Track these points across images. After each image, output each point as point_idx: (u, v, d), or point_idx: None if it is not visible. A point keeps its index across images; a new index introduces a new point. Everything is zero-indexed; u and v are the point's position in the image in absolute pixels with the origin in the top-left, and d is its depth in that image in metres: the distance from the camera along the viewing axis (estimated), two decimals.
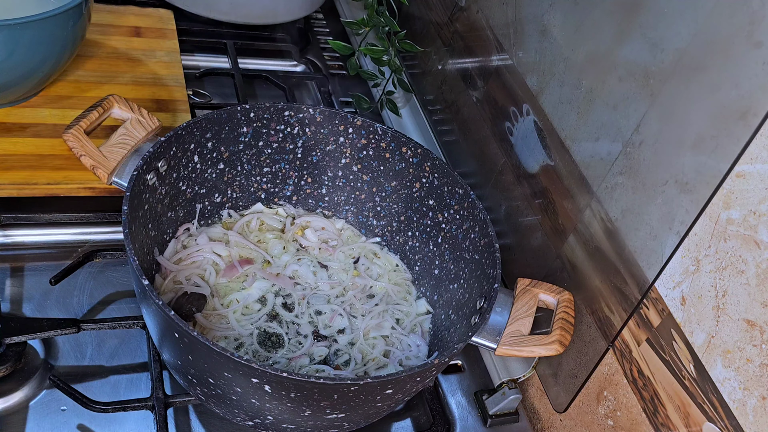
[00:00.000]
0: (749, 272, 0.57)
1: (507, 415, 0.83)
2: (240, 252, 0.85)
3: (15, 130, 0.86)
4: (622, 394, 0.71)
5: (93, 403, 0.70)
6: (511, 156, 0.90)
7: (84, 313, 0.80)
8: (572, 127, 0.78)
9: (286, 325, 0.80)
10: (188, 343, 0.61)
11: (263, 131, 0.85)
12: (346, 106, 1.17)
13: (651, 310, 0.67)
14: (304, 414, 0.64)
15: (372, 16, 1.12)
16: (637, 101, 0.68)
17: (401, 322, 0.84)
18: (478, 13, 0.98)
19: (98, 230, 0.87)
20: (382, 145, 0.87)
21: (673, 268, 0.64)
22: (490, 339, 0.70)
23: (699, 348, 0.62)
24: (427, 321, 0.85)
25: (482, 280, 0.76)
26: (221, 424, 0.74)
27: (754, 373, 0.57)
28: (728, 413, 0.59)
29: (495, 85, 0.93)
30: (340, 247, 0.89)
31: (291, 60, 1.24)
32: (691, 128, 0.62)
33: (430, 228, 0.86)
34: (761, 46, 0.55)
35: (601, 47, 0.73)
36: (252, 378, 0.59)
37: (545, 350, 0.70)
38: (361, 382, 0.60)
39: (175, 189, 0.79)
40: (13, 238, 0.84)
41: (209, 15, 1.16)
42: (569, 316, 0.73)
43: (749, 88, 0.56)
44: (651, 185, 0.67)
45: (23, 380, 0.72)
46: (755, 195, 0.56)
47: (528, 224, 0.87)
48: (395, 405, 0.71)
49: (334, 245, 0.89)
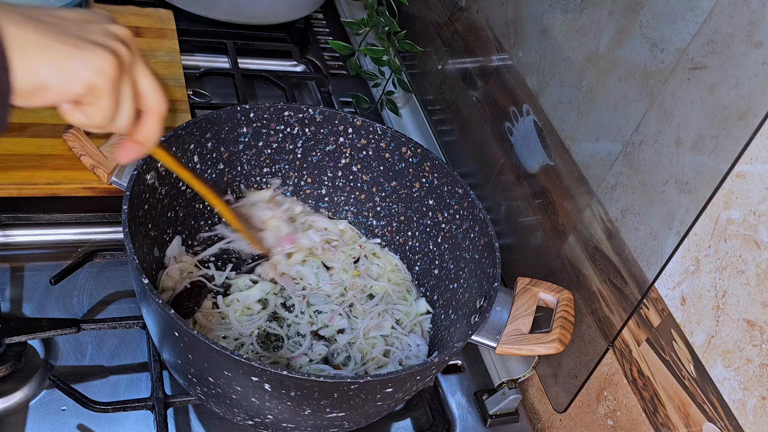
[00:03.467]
0: (749, 272, 0.57)
1: (507, 415, 0.83)
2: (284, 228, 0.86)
3: (15, 130, 0.86)
4: (622, 394, 0.71)
5: (93, 403, 0.70)
6: (511, 156, 0.90)
7: (84, 313, 0.80)
8: (572, 127, 0.78)
9: (286, 326, 0.80)
10: (188, 342, 0.61)
11: (263, 131, 0.85)
12: (346, 106, 1.17)
13: (651, 310, 0.67)
14: (304, 413, 0.64)
15: (372, 16, 1.12)
16: (637, 101, 0.68)
17: (401, 322, 0.84)
18: (478, 13, 0.98)
19: (98, 230, 0.87)
20: (382, 145, 0.87)
21: (673, 268, 0.64)
22: (490, 338, 0.70)
23: (699, 348, 0.62)
24: (426, 321, 0.85)
25: (482, 279, 0.76)
26: (221, 424, 0.74)
27: (754, 373, 0.57)
28: (728, 413, 0.59)
29: (495, 85, 0.93)
30: (341, 247, 0.89)
31: (291, 60, 1.24)
32: (691, 128, 0.62)
33: (430, 228, 0.86)
34: (761, 46, 0.55)
35: (601, 47, 0.73)
36: (252, 377, 0.59)
37: (545, 349, 0.70)
38: (361, 381, 0.60)
39: (175, 189, 0.79)
40: (13, 238, 0.84)
41: (209, 15, 1.16)
42: (569, 315, 0.73)
43: (749, 88, 0.56)
44: (651, 185, 0.67)
45: (23, 380, 0.72)
46: (755, 195, 0.56)
47: (528, 224, 0.87)
48: (395, 404, 0.71)
49: (336, 245, 0.89)
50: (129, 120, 0.51)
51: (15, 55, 0.43)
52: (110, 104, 0.48)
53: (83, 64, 0.46)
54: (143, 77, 0.52)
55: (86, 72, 0.46)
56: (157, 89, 0.53)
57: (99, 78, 0.47)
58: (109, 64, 0.47)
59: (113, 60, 0.47)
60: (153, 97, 0.53)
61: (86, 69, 0.46)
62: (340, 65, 1.25)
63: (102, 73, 0.47)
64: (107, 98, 0.48)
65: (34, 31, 0.45)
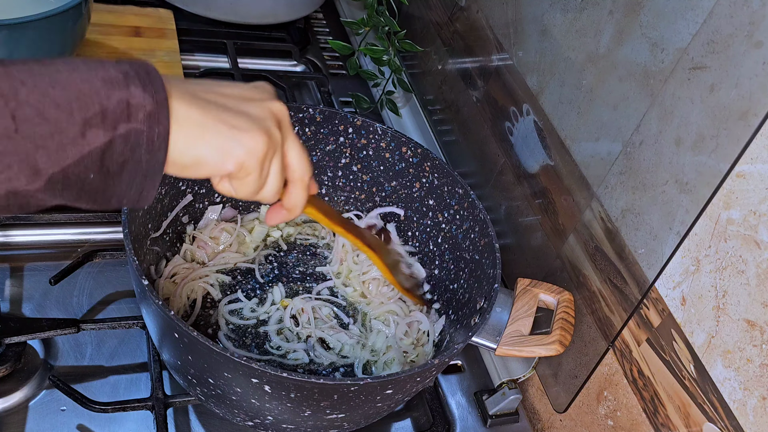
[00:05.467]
0: (749, 272, 0.57)
1: (507, 415, 0.83)
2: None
3: None
4: (622, 395, 0.71)
5: (93, 403, 0.70)
6: (511, 156, 0.90)
7: (84, 313, 0.80)
8: (572, 127, 0.78)
9: (286, 338, 0.79)
10: (188, 343, 0.61)
11: None
12: (346, 106, 1.17)
13: (651, 310, 0.67)
14: (304, 414, 0.64)
15: (372, 15, 1.12)
16: (637, 101, 0.68)
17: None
18: (478, 13, 0.98)
19: (98, 230, 0.87)
20: (382, 145, 0.86)
21: (673, 268, 0.64)
22: (490, 339, 0.70)
23: (699, 348, 0.62)
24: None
25: (482, 280, 0.75)
26: (221, 424, 0.74)
27: (755, 373, 0.57)
28: (728, 413, 0.59)
29: (495, 85, 0.93)
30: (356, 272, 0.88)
31: (291, 60, 1.24)
32: (691, 128, 0.62)
33: (430, 228, 0.86)
34: (761, 46, 0.55)
35: (601, 47, 0.73)
36: (252, 378, 0.59)
37: (545, 350, 0.70)
38: (361, 383, 0.60)
39: (174, 189, 0.79)
40: (13, 238, 0.84)
41: (209, 15, 1.16)
42: (569, 316, 0.73)
43: (749, 88, 0.56)
44: (651, 185, 0.66)
45: (23, 380, 0.72)
46: (755, 195, 0.56)
47: (528, 224, 0.87)
48: (395, 405, 0.71)
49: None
50: (275, 193, 0.54)
51: (177, 132, 0.46)
52: (257, 179, 0.51)
53: (238, 144, 0.49)
54: (292, 150, 0.54)
55: (240, 152, 0.49)
56: (303, 160, 0.55)
57: (249, 157, 0.50)
58: (261, 144, 0.50)
59: (266, 140, 0.50)
60: (299, 168, 0.55)
61: (240, 149, 0.49)
62: (340, 65, 1.25)
63: (253, 153, 0.50)
64: (254, 174, 0.51)
65: (197, 110, 0.47)
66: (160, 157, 0.46)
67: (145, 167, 0.45)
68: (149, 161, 0.45)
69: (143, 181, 0.46)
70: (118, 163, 0.44)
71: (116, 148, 0.44)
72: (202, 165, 0.48)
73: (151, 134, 0.44)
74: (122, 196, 0.47)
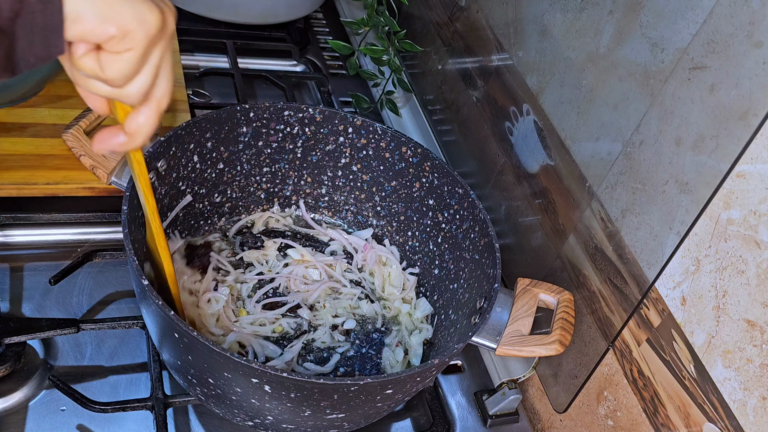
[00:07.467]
0: (749, 272, 0.57)
1: (507, 415, 0.83)
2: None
3: (15, 130, 0.86)
4: (622, 395, 0.71)
5: (92, 403, 0.70)
6: (511, 156, 0.90)
7: (83, 313, 0.80)
8: (572, 127, 0.78)
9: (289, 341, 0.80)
10: (188, 343, 0.61)
11: (263, 131, 0.85)
12: (346, 106, 1.17)
13: (651, 310, 0.67)
14: (304, 414, 0.64)
15: (372, 15, 1.12)
16: (637, 101, 0.68)
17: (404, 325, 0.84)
18: (478, 12, 0.98)
19: (98, 230, 0.87)
20: (382, 145, 0.86)
21: (673, 268, 0.64)
22: (490, 339, 0.70)
23: (699, 348, 0.62)
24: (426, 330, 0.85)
25: (482, 280, 0.75)
26: (221, 424, 0.74)
27: (755, 373, 0.57)
28: (728, 413, 0.59)
29: (495, 85, 0.93)
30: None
31: (291, 60, 1.24)
32: (691, 128, 0.62)
33: (430, 228, 0.86)
34: (761, 46, 0.55)
35: (601, 47, 0.73)
36: (252, 378, 0.59)
37: (545, 350, 0.70)
38: (361, 383, 0.60)
39: (174, 189, 0.79)
40: (13, 238, 0.84)
41: (209, 15, 1.16)
42: (569, 316, 0.73)
43: (749, 88, 0.56)
44: (651, 185, 0.66)
45: (23, 380, 0.72)
46: (755, 195, 0.56)
47: (528, 224, 0.87)
48: (395, 405, 0.71)
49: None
50: (144, 91, 0.47)
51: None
52: (136, 60, 0.44)
53: (131, 8, 0.43)
54: (166, 62, 0.48)
55: (130, 17, 0.43)
56: (170, 81, 0.49)
57: (139, 27, 0.43)
58: (156, 20, 0.44)
59: (160, 19, 0.44)
60: (163, 87, 0.49)
61: (131, 14, 0.43)
62: (340, 65, 1.25)
63: (144, 24, 0.43)
64: (136, 51, 0.44)
65: None
66: (56, 3, 0.40)
67: (41, 18, 0.40)
68: (44, 10, 0.40)
69: (46, 34, 0.41)
70: (8, 18, 0.39)
71: (2, 3, 0.39)
72: (79, 21, 0.41)
73: None
74: (27, 56, 0.41)
